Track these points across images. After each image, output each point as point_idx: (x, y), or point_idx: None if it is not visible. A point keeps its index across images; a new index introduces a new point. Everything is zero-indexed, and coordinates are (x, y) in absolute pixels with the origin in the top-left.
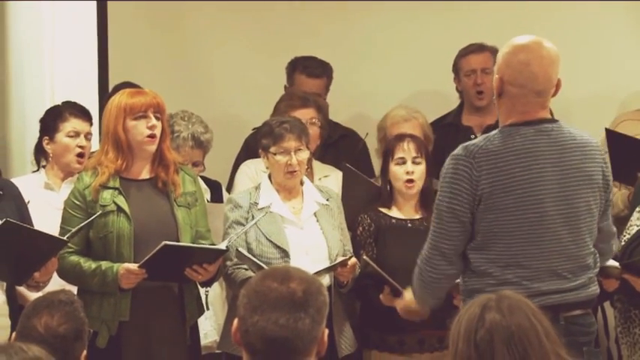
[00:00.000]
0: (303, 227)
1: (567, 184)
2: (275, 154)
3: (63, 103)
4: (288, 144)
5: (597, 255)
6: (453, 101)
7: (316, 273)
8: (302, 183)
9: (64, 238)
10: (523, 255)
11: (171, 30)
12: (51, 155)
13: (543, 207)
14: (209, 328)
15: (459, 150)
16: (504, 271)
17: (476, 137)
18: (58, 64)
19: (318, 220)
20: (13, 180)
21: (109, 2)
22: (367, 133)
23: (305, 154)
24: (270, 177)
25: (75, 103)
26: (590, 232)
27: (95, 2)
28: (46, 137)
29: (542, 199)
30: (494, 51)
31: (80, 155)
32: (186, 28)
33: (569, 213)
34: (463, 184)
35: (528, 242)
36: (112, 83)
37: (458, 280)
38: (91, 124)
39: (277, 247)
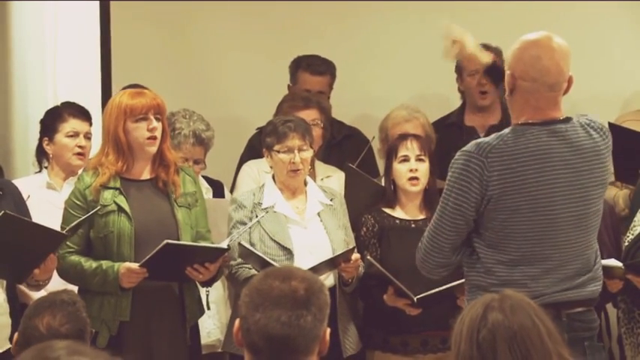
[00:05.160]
0: (306, 227)
1: (580, 186)
2: (279, 152)
3: (62, 103)
4: (292, 142)
5: (598, 252)
6: (457, 101)
7: (318, 265)
8: (306, 183)
9: (64, 232)
10: (534, 255)
11: (174, 30)
12: (51, 156)
13: (555, 209)
14: (212, 327)
15: (470, 146)
16: (512, 271)
17: (479, 137)
18: (61, 64)
19: (321, 220)
20: (15, 181)
21: (111, 2)
22: (374, 137)
23: (308, 153)
24: (273, 177)
25: (74, 104)
26: (595, 231)
27: (98, 2)
28: (46, 138)
29: (555, 201)
30: (497, 51)
31: (80, 155)
32: (190, 28)
33: (580, 215)
34: (474, 182)
35: (540, 243)
36: (114, 84)
37: (462, 281)
38: (91, 124)
39: (281, 246)
